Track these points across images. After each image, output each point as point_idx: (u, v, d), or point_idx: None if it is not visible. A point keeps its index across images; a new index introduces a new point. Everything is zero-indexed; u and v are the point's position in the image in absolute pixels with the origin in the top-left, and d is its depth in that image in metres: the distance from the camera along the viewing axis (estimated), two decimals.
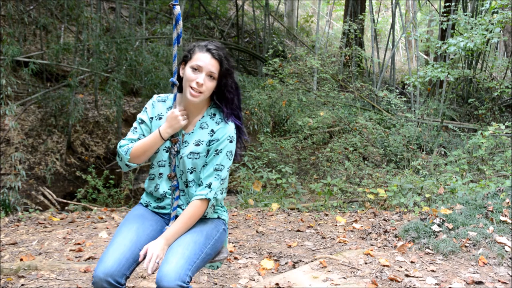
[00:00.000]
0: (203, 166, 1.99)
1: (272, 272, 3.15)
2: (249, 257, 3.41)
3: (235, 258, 3.38)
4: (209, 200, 1.95)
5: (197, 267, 1.88)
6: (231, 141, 1.99)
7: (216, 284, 2.99)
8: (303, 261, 3.29)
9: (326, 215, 4.66)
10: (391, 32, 11.41)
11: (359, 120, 7.64)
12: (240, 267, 3.24)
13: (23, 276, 2.98)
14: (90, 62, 7.62)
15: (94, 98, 8.55)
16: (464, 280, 2.85)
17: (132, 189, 7.47)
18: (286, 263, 3.28)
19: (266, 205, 5.10)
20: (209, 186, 1.94)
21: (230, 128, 1.99)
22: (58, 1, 8.03)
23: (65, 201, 6.62)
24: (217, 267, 2.15)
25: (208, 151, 1.99)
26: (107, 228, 4.07)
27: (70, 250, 3.48)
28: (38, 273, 3.02)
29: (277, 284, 2.91)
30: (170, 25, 9.49)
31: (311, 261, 3.26)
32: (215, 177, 1.96)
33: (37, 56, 8.07)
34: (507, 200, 3.70)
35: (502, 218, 3.51)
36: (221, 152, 1.97)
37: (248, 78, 9.34)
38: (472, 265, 3.07)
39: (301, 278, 2.95)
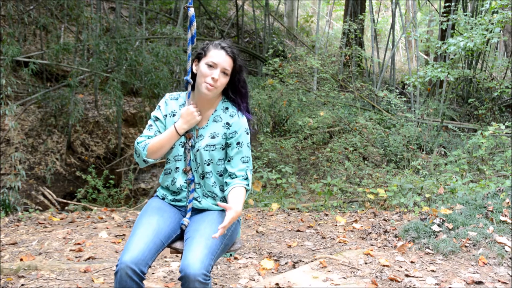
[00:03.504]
0: (228, 160, 2.10)
1: (272, 272, 3.15)
2: (249, 257, 3.41)
3: (235, 258, 3.38)
4: (247, 190, 2.08)
5: (217, 257, 1.99)
6: (247, 133, 2.12)
7: (216, 284, 2.99)
8: (303, 261, 3.29)
9: (326, 215, 4.66)
10: (391, 32, 11.41)
11: (359, 120, 7.63)
12: (240, 267, 3.24)
13: (23, 276, 2.98)
14: (90, 62, 7.61)
15: (94, 98, 8.55)
16: (464, 280, 2.85)
17: (132, 189, 7.48)
18: (286, 263, 3.28)
19: (266, 205, 5.10)
20: (246, 178, 2.09)
21: (244, 121, 2.12)
22: (58, 1, 8.02)
23: (65, 201, 6.61)
24: (230, 255, 2.26)
25: (227, 144, 2.10)
26: (107, 228, 4.07)
27: (70, 250, 3.48)
28: (38, 273, 3.01)
29: (277, 284, 2.91)
30: (170, 25, 9.48)
31: (311, 261, 3.26)
32: (247, 169, 2.10)
33: (37, 56, 8.06)
34: (507, 200, 3.70)
35: (502, 218, 3.51)
36: (243, 144, 2.10)
37: (248, 78, 9.33)
38: (472, 265, 3.07)
39: (301, 278, 2.95)
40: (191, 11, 2.06)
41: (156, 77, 7.13)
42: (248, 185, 2.07)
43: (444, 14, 8.43)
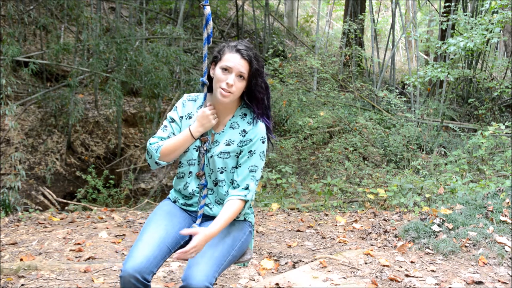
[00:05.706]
0: (236, 167, 2.01)
1: (272, 272, 3.15)
2: None
3: None
4: (246, 201, 1.97)
5: (223, 268, 1.92)
6: (263, 142, 2.01)
7: (216, 284, 2.99)
8: (303, 261, 3.29)
9: (326, 215, 4.66)
10: (391, 32, 11.41)
11: (359, 120, 7.64)
12: (240, 267, 3.24)
13: (23, 276, 2.98)
14: (90, 62, 7.61)
15: (94, 98, 8.55)
16: (464, 280, 2.85)
17: (132, 189, 7.48)
18: (286, 263, 3.28)
19: (266, 205, 5.10)
20: (247, 188, 1.97)
21: (261, 129, 2.00)
22: (58, 1, 8.02)
23: (65, 201, 6.61)
24: (244, 265, 2.19)
25: (241, 152, 2.00)
26: (107, 228, 4.07)
27: (70, 250, 3.48)
28: (38, 273, 3.01)
29: (277, 284, 2.91)
30: (170, 25, 9.49)
31: (311, 261, 3.26)
32: (251, 178, 1.98)
33: (37, 56, 8.06)
34: (507, 200, 3.70)
35: (502, 218, 3.51)
36: (254, 153, 1.99)
37: None
38: (472, 265, 3.07)
39: (301, 278, 2.95)
40: (207, 9, 1.94)
41: (156, 77, 7.13)
42: (246, 195, 1.95)
43: (444, 14, 8.44)
